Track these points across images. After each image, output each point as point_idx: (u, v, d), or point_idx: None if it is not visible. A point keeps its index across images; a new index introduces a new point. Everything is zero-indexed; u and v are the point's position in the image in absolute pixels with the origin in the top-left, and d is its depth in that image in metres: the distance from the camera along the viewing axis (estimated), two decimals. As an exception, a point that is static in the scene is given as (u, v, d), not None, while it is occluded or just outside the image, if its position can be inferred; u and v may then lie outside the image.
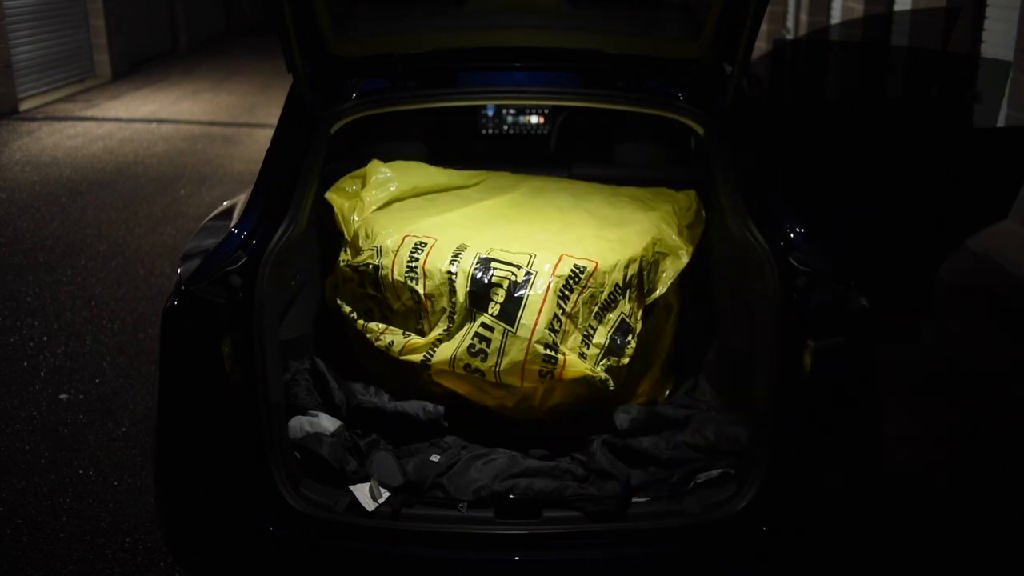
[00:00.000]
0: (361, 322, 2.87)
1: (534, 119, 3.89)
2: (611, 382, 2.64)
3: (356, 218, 3.01)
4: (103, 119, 10.35)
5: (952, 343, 4.51)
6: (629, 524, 2.36)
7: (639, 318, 2.83)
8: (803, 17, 11.53)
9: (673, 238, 2.93)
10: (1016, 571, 3.11)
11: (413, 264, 2.74)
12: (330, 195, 3.06)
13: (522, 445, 2.75)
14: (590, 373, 2.60)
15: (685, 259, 2.92)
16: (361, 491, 2.42)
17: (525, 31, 3.10)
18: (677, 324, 3.22)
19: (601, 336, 2.70)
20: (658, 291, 2.87)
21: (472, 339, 2.59)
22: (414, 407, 2.81)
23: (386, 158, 3.27)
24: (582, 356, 2.66)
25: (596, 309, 2.69)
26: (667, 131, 3.37)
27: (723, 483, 2.48)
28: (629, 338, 2.74)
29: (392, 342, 2.77)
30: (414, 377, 2.95)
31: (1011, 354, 4.44)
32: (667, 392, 3.14)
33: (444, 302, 2.70)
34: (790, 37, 12.10)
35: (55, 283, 5.55)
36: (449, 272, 2.67)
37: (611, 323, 2.72)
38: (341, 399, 2.89)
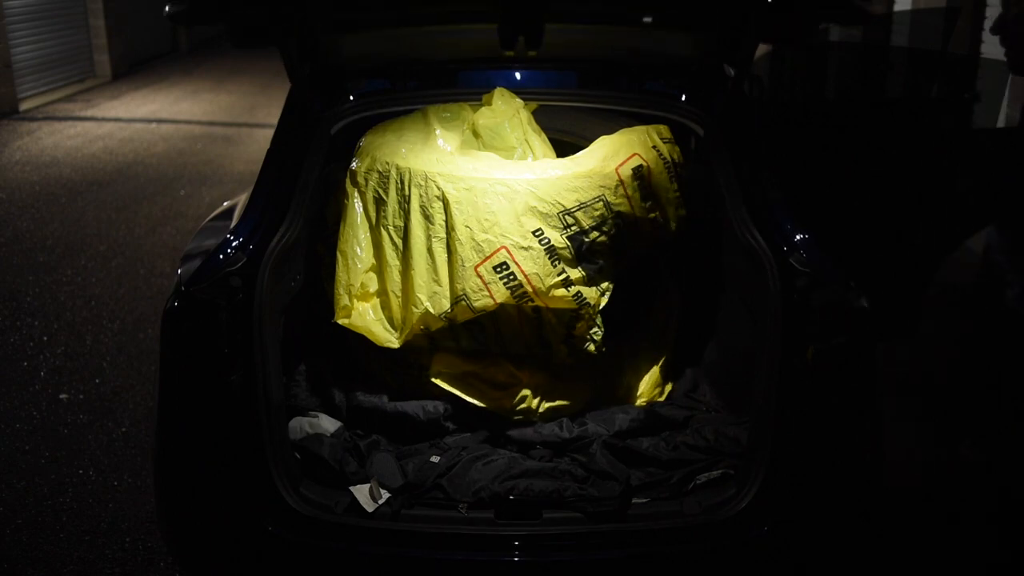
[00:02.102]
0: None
1: None
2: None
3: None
4: (103, 119, 10.35)
5: (951, 343, 4.51)
6: (629, 525, 2.36)
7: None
8: (803, 17, 11.52)
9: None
10: (1015, 571, 3.11)
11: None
12: None
13: (522, 446, 2.76)
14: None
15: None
16: (361, 492, 2.42)
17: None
18: (677, 325, 3.22)
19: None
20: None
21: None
22: (414, 407, 2.81)
23: None
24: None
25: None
26: None
27: (723, 484, 2.48)
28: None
29: None
30: (414, 377, 2.95)
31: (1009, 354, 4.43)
32: (667, 393, 3.14)
33: None
34: (790, 37, 12.07)
35: (55, 283, 5.55)
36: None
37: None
38: (341, 400, 2.89)
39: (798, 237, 2.44)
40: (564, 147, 3.28)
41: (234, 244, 2.44)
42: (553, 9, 2.36)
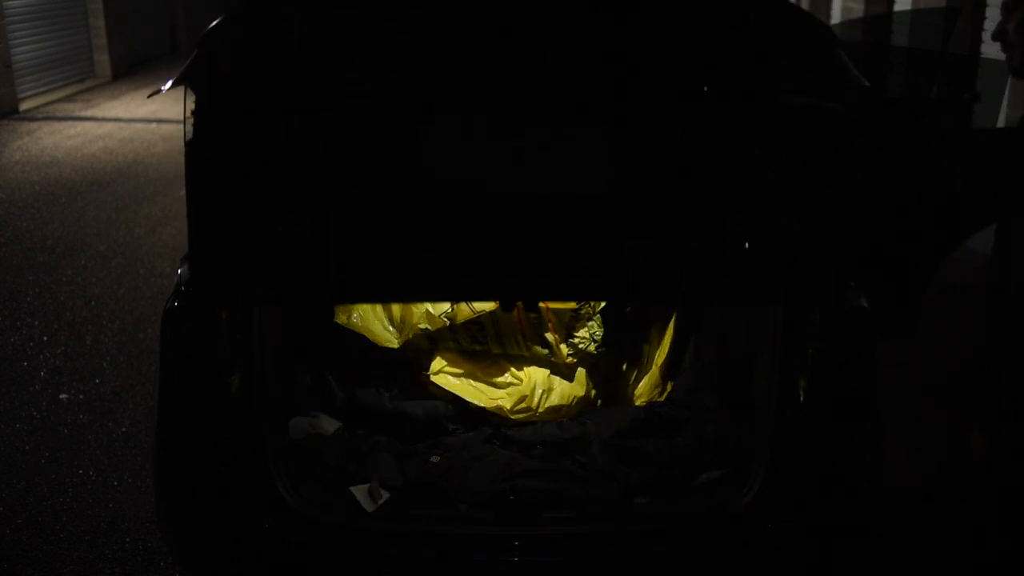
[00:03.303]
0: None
1: None
2: None
3: None
4: (103, 119, 10.35)
5: (952, 343, 4.51)
6: (629, 525, 2.36)
7: None
8: (803, 17, 11.52)
9: None
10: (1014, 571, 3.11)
11: None
12: None
13: (522, 446, 2.76)
14: None
15: None
16: (361, 492, 2.42)
17: None
18: (676, 325, 3.22)
19: None
20: None
21: None
22: (414, 407, 2.81)
23: None
24: None
25: None
26: None
27: (723, 484, 2.48)
28: None
29: None
30: (414, 377, 2.95)
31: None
32: (667, 393, 3.14)
33: None
34: (790, 37, 12.06)
35: (55, 283, 5.55)
36: None
37: None
38: (342, 399, 2.89)
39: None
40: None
41: (234, 244, 2.43)
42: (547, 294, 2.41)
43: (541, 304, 2.81)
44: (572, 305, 2.82)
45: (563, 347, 2.91)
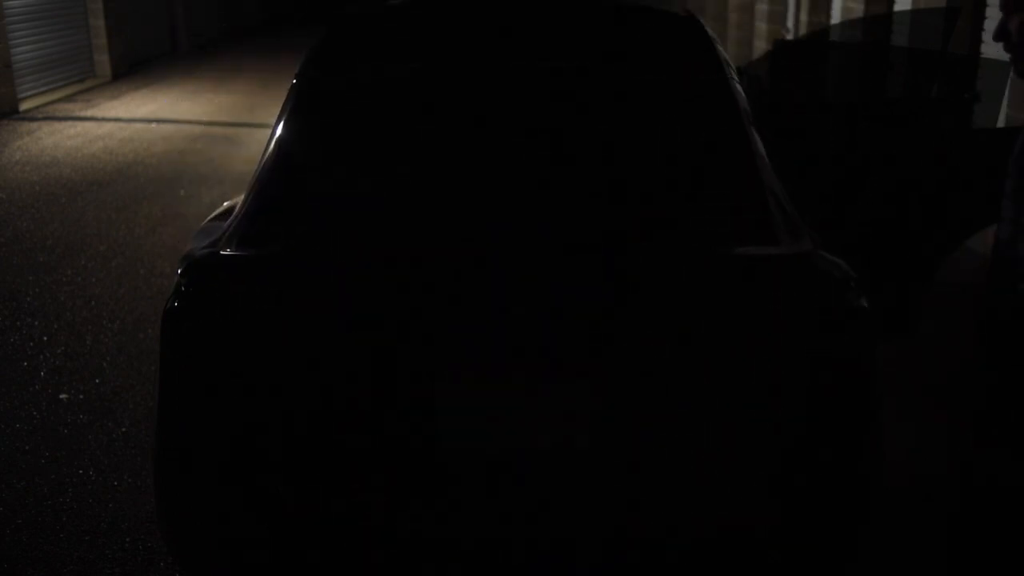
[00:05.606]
0: None
1: None
2: None
3: None
4: (103, 119, 10.35)
5: (952, 343, 4.51)
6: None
7: None
8: (803, 17, 11.53)
9: None
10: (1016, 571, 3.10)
11: None
12: None
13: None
14: None
15: None
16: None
17: None
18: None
19: None
20: None
21: None
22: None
23: None
24: None
25: None
26: None
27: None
28: None
29: None
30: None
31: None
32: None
33: None
34: (790, 37, 12.10)
35: (55, 283, 5.55)
36: None
37: None
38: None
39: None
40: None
41: (234, 244, 2.43)
42: None
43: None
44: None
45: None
